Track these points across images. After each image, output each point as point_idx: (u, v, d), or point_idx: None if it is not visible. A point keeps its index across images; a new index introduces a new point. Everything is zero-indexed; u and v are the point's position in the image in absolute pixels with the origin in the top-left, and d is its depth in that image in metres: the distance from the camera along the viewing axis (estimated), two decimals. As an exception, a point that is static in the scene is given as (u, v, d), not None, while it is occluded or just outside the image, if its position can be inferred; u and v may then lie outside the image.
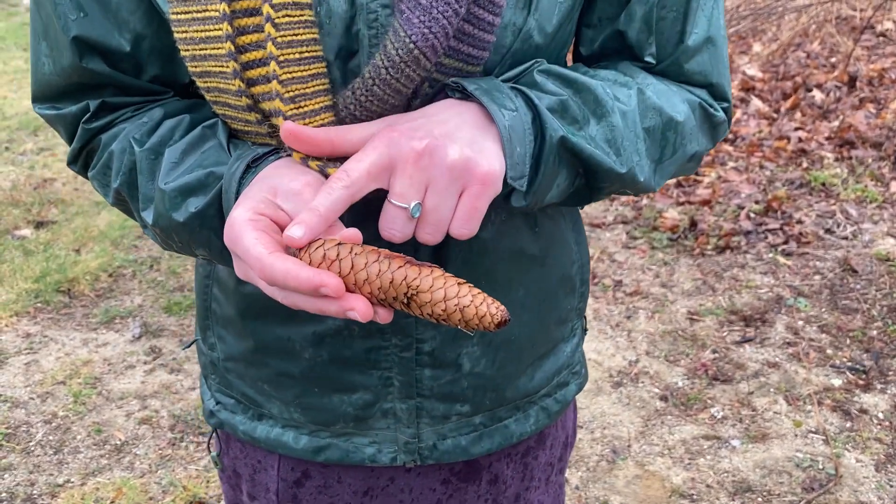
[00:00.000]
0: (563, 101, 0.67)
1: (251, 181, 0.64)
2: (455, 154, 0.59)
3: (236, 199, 0.64)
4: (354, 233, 0.58)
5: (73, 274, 3.32)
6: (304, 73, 0.64)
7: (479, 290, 0.55)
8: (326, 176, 0.64)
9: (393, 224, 0.59)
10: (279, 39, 0.62)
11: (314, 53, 0.64)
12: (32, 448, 2.38)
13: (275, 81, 0.62)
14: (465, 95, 0.65)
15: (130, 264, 3.44)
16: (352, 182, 0.57)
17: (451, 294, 0.54)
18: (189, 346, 0.99)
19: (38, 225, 3.86)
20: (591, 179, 0.71)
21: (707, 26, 0.76)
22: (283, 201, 0.60)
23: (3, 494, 2.20)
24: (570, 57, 0.81)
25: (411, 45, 0.62)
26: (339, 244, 0.56)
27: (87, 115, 0.75)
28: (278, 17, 0.61)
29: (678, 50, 0.76)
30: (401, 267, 0.55)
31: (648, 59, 0.76)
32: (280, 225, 0.59)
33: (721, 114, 0.81)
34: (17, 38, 7.20)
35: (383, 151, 0.59)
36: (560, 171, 0.68)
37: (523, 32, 0.69)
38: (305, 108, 0.64)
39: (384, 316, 0.58)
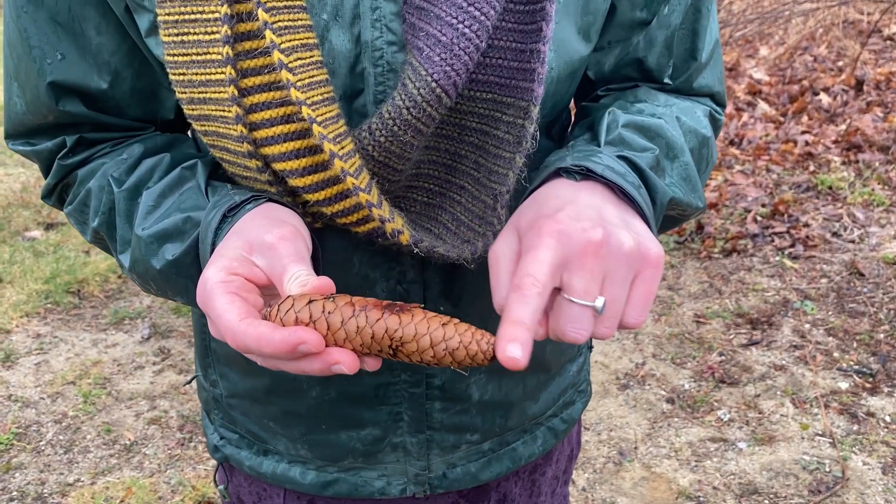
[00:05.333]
0: (656, 157, 0.66)
1: (227, 232, 0.60)
2: (628, 241, 0.55)
3: (212, 250, 0.60)
4: (326, 283, 0.53)
5: (83, 275, 3.34)
6: (332, 114, 0.61)
7: (467, 326, 0.52)
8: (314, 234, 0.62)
9: (579, 324, 0.54)
10: (299, 83, 0.58)
11: (329, 94, 0.61)
12: (43, 447, 2.40)
13: (314, 124, 0.58)
14: (585, 176, 0.62)
15: (139, 266, 3.47)
16: (543, 286, 0.53)
17: (437, 338, 0.51)
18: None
19: (48, 227, 3.88)
20: (675, 219, 0.72)
21: (712, 41, 0.78)
22: (258, 257, 0.56)
23: (15, 493, 2.21)
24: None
25: (433, 84, 0.59)
26: (310, 302, 0.52)
27: (64, 150, 0.72)
28: (291, 62, 0.58)
29: (691, 67, 0.78)
30: (379, 319, 0.51)
31: (666, 80, 0.77)
32: (255, 283, 0.56)
33: (722, 118, 0.83)
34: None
35: (557, 247, 0.53)
36: (658, 222, 0.68)
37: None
38: (347, 149, 0.61)
39: (372, 364, 0.54)
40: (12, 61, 0.70)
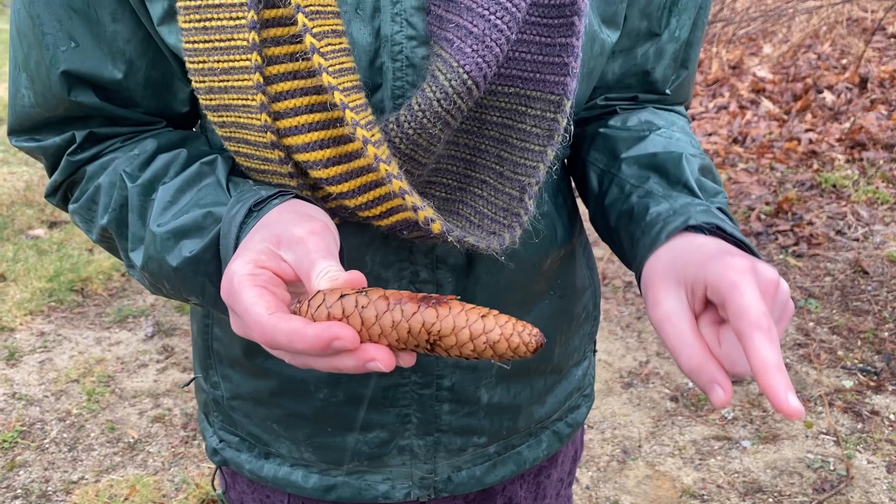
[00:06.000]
0: (725, 200, 0.69)
1: (253, 227, 0.57)
2: (787, 288, 0.57)
3: (236, 246, 0.57)
4: (357, 277, 0.51)
5: (87, 273, 3.35)
6: (361, 102, 0.60)
7: (507, 317, 0.49)
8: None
9: None
10: (330, 69, 0.57)
11: (357, 82, 0.60)
12: (47, 445, 2.41)
13: (347, 110, 0.57)
14: (713, 232, 0.63)
15: (143, 264, 3.47)
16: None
17: (477, 331, 0.48)
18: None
19: (52, 225, 3.89)
20: None
21: (698, 51, 0.80)
22: (286, 251, 0.53)
23: (19, 491, 2.22)
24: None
25: (465, 76, 0.58)
26: (343, 296, 0.49)
27: (73, 146, 0.69)
28: (322, 47, 0.57)
29: (682, 76, 0.80)
30: (416, 313, 0.49)
31: (667, 91, 0.79)
32: (283, 278, 0.53)
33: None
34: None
35: (756, 283, 0.54)
36: None
37: None
38: (376, 137, 0.59)
39: (407, 360, 0.52)
40: (22, 51, 0.67)
